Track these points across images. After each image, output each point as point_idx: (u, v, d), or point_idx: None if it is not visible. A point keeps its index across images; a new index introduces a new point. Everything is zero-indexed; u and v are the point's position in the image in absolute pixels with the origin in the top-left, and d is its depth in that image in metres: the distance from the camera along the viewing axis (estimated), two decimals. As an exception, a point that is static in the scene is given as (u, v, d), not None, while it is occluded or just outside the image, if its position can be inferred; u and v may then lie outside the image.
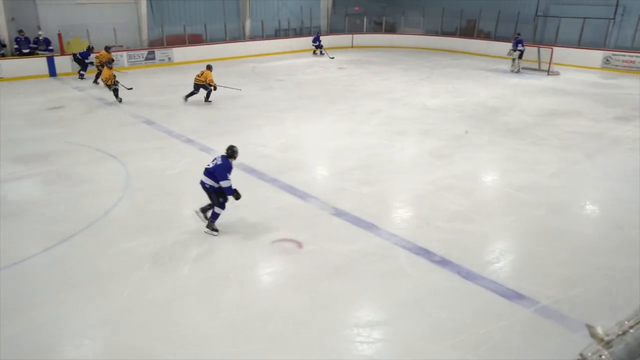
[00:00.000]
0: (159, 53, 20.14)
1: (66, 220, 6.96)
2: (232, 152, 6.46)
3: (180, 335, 4.70)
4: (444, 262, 5.89)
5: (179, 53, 20.62)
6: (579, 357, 0.91)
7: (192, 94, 13.75)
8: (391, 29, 27.09)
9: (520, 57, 18.68)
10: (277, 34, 24.67)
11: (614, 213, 7.28)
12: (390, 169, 8.98)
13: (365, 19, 26.76)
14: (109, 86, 13.81)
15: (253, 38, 23.67)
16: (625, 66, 18.82)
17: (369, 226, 6.77)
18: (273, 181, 8.33)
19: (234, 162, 6.55)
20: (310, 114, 12.75)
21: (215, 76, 13.75)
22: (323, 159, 9.79)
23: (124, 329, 4.78)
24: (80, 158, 9.46)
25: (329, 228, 6.77)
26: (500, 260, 6.03)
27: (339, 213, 7.16)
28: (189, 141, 10.45)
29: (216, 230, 6.55)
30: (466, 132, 10.98)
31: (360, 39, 25.81)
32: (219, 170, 6.33)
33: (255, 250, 6.24)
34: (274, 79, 17.45)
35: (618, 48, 19.61)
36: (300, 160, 9.46)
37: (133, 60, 19.56)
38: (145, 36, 20.74)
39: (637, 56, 18.63)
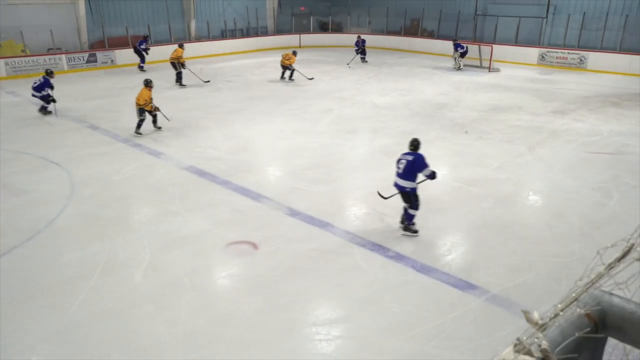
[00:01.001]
0: (100, 55, 19.42)
1: (7, 233, 6.60)
2: (418, 144, 6.36)
3: (137, 345, 4.58)
4: (398, 257, 6.01)
5: (122, 55, 19.94)
6: (516, 342, 0.96)
7: (283, 74, 16.84)
8: (338, 29, 27.35)
9: (462, 56, 19.31)
10: (224, 35, 24.34)
11: (555, 202, 7.66)
12: (343, 167, 9.07)
13: (311, 19, 26.87)
14: (143, 110, 10.63)
15: (199, 39, 23.25)
16: (558, 62, 19.85)
17: (323, 225, 6.81)
18: (225, 183, 8.23)
19: None
20: (261, 115, 12.68)
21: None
22: (275, 159, 9.76)
23: (76, 343, 4.59)
24: (20, 166, 9.00)
25: (284, 228, 6.77)
26: (452, 252, 6.23)
27: (293, 213, 7.16)
28: (137, 145, 10.14)
29: (416, 231, 6.48)
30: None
31: (308, 38, 25.90)
32: (419, 164, 6.19)
33: (210, 254, 6.15)
34: (222, 80, 17.21)
35: (552, 45, 20.66)
36: (252, 162, 9.39)
37: (73, 63, 18.77)
38: (85, 38, 19.94)
39: (569, 53, 19.69)
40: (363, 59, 20.93)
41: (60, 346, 4.58)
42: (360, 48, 20.88)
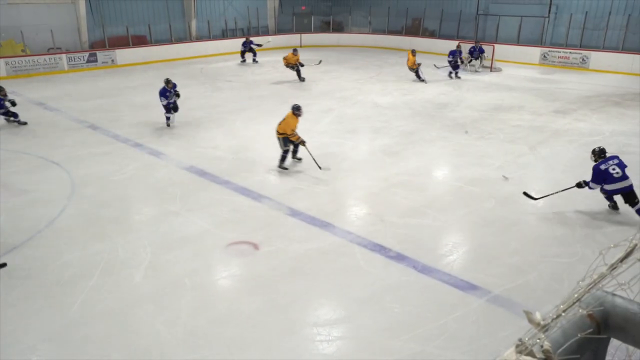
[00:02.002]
0: (101, 55, 19.43)
1: (7, 232, 6.59)
2: (601, 152, 6.96)
3: (138, 345, 4.57)
4: (399, 257, 5.99)
5: (123, 55, 19.99)
6: (518, 342, 0.94)
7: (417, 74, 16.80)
8: (339, 28, 27.34)
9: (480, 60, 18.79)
10: (225, 34, 24.35)
11: (557, 203, 7.62)
12: (344, 167, 9.05)
13: (312, 19, 26.86)
14: (287, 140, 8.76)
15: (199, 38, 23.25)
16: (560, 62, 19.80)
17: (324, 225, 6.80)
18: (226, 183, 8.22)
19: None
20: (261, 115, 12.65)
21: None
22: (276, 159, 9.71)
23: (76, 343, 4.58)
24: (20, 166, 8.99)
25: (285, 228, 6.75)
26: (453, 252, 6.20)
27: (294, 213, 7.14)
28: (137, 145, 10.14)
29: None
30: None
31: (309, 38, 25.88)
32: (623, 162, 6.76)
33: (210, 254, 6.14)
34: (222, 79, 17.22)
35: (553, 45, 20.61)
36: (253, 162, 9.37)
37: (73, 63, 18.79)
38: (85, 38, 19.97)
39: (571, 52, 19.64)
40: (456, 74, 17.39)
41: (60, 346, 4.57)
42: (455, 60, 17.24)
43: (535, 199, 6.93)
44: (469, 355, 4.39)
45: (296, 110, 8.70)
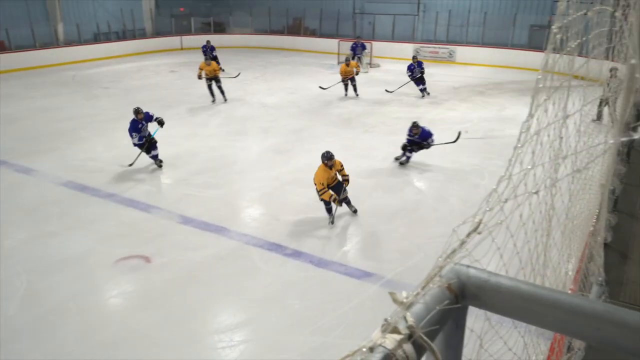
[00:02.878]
0: (-50, 65, 17.22)
1: None
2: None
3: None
4: (296, 254, 6.07)
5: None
6: (384, 322, 1.02)
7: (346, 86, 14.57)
8: (220, 29, 26.88)
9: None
10: (97, 39, 22.80)
11: (437, 186, 8.23)
12: (235, 169, 8.96)
13: (192, 20, 26.12)
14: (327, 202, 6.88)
15: (69, 43, 21.51)
16: (431, 56, 21.32)
17: (218, 229, 6.68)
18: (110, 196, 7.73)
19: None
20: (144, 121, 12.04)
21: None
22: (163, 166, 9.35)
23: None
24: None
25: (177, 237, 6.53)
26: (347, 243, 6.43)
27: (186, 220, 6.93)
28: (2, 163, 9.14)
29: None
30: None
31: (190, 40, 25.13)
32: None
33: (98, 273, 5.74)
34: (98, 86, 16.13)
35: (424, 41, 22.14)
36: (137, 171, 8.91)
37: None
38: None
39: (439, 47, 21.25)
40: (423, 90, 14.61)
41: None
42: (418, 72, 14.40)
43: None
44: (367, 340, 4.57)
45: (326, 160, 6.75)
